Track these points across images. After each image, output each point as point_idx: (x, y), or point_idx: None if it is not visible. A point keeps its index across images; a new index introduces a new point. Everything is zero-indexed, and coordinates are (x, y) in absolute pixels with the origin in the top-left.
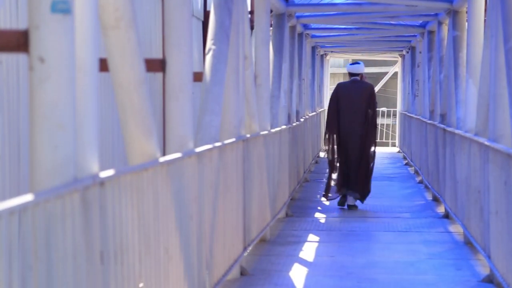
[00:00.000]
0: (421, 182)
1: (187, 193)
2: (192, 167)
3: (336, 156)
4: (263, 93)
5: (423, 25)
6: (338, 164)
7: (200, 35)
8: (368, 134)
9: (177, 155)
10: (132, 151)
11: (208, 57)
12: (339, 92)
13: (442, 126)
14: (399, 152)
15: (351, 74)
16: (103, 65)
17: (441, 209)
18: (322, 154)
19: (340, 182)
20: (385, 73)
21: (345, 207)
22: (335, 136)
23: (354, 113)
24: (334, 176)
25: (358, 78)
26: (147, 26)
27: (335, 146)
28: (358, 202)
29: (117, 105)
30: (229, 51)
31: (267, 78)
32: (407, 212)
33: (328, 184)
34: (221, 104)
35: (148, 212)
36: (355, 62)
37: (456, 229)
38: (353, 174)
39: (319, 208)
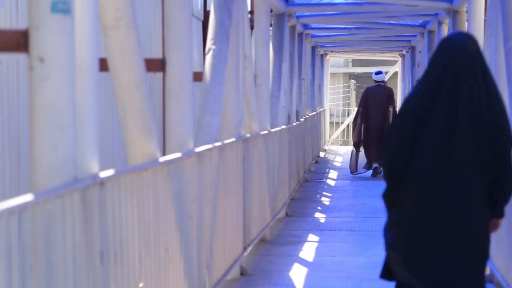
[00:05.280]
0: None
1: (187, 193)
2: (192, 167)
3: (361, 138)
4: (263, 93)
5: (423, 25)
6: (362, 146)
7: (200, 35)
8: (386, 121)
9: (177, 155)
10: (132, 151)
11: (208, 57)
12: (368, 93)
13: None
14: None
15: (375, 81)
16: (103, 65)
17: None
18: (322, 154)
19: (368, 161)
20: (385, 73)
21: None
22: (362, 125)
23: (378, 107)
24: (359, 154)
25: (382, 83)
26: (147, 26)
27: (362, 131)
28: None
29: (117, 105)
30: (229, 51)
31: (267, 78)
32: None
33: (352, 161)
34: (221, 104)
35: (148, 212)
36: (378, 72)
37: None
38: (373, 149)
39: (319, 208)
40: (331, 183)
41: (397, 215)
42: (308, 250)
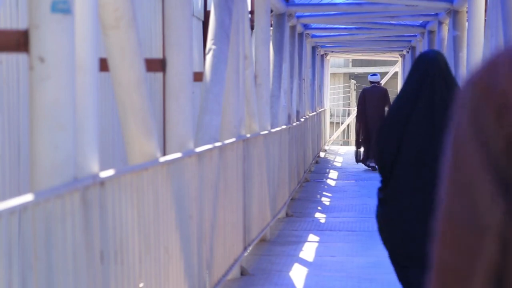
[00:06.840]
0: None
1: (187, 192)
2: (192, 167)
3: (361, 136)
4: (263, 93)
5: (423, 25)
6: (362, 143)
7: (200, 35)
8: (382, 119)
9: (177, 155)
10: (132, 151)
11: (208, 57)
12: (365, 93)
13: None
14: None
15: (371, 82)
16: (103, 64)
17: None
18: (322, 154)
19: (365, 156)
20: (385, 73)
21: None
22: (360, 123)
23: (374, 107)
24: (360, 148)
25: (377, 84)
26: (147, 26)
27: (360, 129)
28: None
29: (117, 105)
30: (229, 51)
31: (267, 78)
32: None
33: (356, 152)
34: (221, 103)
35: (148, 212)
36: (373, 74)
37: None
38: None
39: (319, 208)
40: (331, 183)
41: (386, 193)
42: (308, 250)
